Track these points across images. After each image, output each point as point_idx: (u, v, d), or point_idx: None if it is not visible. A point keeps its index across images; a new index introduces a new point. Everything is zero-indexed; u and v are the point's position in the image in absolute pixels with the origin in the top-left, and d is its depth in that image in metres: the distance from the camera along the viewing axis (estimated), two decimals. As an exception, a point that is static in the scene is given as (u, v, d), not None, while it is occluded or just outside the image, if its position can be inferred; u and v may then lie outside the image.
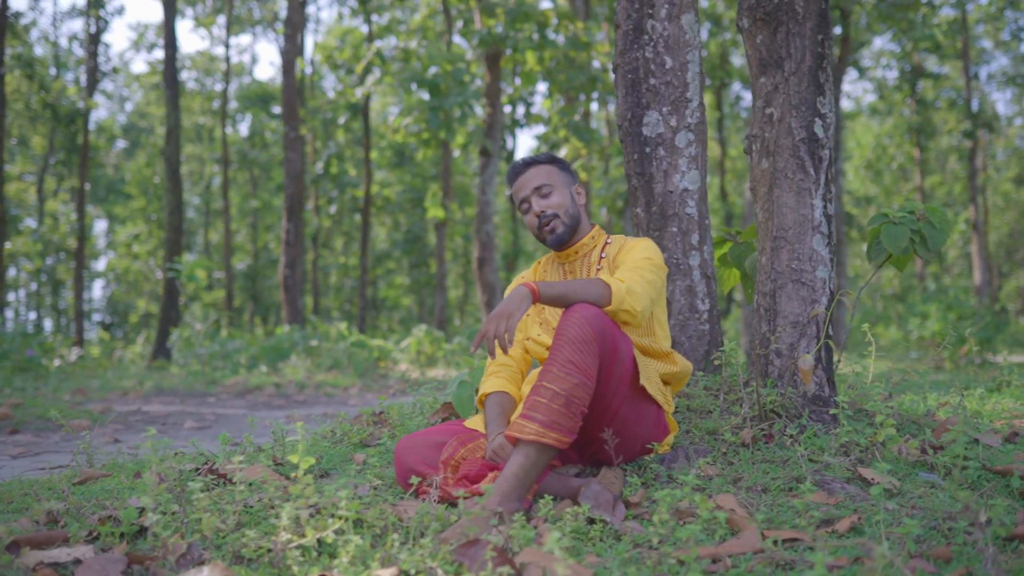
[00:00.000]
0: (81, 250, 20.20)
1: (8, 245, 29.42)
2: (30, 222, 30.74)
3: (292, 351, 10.99)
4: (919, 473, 2.70)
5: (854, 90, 36.86)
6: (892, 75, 26.38)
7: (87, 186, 28.40)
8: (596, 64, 14.26)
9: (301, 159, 12.67)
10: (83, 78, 21.34)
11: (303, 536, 2.07)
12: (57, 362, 15.44)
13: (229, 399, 7.90)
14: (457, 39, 16.82)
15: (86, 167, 20.74)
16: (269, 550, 2.06)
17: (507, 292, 2.95)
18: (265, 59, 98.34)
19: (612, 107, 19.31)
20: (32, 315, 34.93)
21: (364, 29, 20.58)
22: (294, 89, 12.50)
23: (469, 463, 2.56)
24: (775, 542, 2.08)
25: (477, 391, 3.20)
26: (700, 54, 3.56)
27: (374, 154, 22.59)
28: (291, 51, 12.56)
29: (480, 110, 13.43)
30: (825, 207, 3.26)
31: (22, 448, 4.62)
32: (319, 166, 19.97)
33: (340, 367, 10.17)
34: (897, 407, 3.32)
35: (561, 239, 2.86)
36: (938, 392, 4.50)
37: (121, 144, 34.84)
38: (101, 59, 23.68)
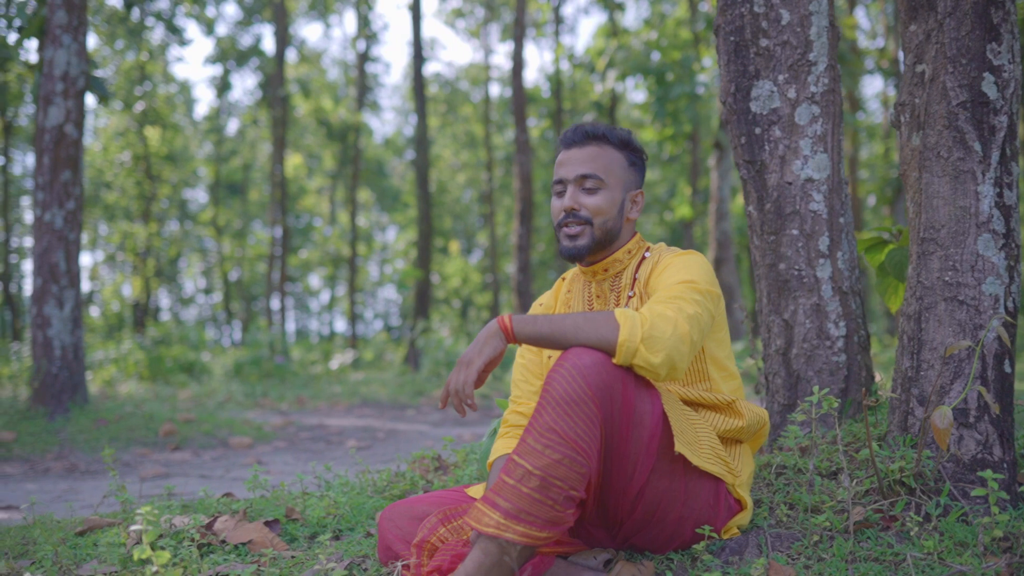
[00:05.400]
0: (353, 257, 21.43)
1: (303, 255, 32.21)
2: (327, 231, 33.49)
3: (518, 358, 10.73)
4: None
5: None
6: None
7: (364, 197, 30.33)
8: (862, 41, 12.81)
9: (530, 162, 12.43)
10: (357, 94, 22.68)
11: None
12: (336, 364, 16.42)
13: (428, 412, 7.73)
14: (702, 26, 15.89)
15: (357, 178, 21.98)
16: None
17: (531, 312, 2.32)
18: (533, 64, 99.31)
19: (888, 87, 17.39)
20: (326, 319, 37.90)
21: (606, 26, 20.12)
22: (523, 92, 12.32)
23: (445, 549, 1.99)
24: None
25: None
26: (829, 2, 2.73)
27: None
28: (517, 54, 12.37)
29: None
30: (999, 196, 2.34)
31: (161, 469, 4.59)
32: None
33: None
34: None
35: (576, 252, 2.13)
36: None
37: (410, 155, 37.00)
38: (376, 75, 25.08)
